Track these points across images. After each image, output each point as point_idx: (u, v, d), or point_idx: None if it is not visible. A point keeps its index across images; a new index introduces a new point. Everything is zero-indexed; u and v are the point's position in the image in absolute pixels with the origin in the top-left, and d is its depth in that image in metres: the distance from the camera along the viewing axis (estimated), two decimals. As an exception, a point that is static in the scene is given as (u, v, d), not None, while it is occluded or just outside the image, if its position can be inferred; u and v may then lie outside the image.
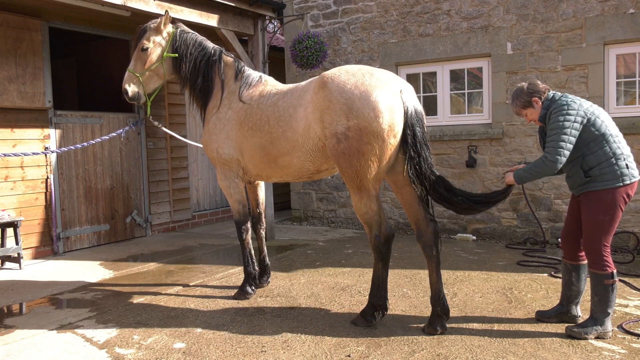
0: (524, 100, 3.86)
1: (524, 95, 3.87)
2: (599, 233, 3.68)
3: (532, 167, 3.72)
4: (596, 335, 3.69)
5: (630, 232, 6.47)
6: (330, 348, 3.67)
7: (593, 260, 3.71)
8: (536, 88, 3.84)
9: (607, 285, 3.66)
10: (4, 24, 6.16)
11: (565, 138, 3.60)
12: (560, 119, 3.63)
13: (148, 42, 4.82)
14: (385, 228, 4.00)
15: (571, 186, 3.88)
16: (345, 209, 8.65)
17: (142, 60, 4.85)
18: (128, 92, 4.88)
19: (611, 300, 3.68)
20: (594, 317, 3.73)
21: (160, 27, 4.84)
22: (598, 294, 3.70)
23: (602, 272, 3.67)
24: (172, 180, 8.39)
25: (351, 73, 3.95)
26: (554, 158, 3.61)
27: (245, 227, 4.90)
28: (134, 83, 4.87)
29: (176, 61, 4.88)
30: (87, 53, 9.03)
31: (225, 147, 4.72)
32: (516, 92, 3.93)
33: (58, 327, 4.22)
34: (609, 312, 3.71)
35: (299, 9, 8.77)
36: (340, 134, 3.84)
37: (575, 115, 3.62)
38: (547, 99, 3.82)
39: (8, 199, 6.34)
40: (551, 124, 3.67)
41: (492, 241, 7.20)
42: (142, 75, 4.85)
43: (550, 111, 3.72)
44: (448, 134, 7.60)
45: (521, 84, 3.98)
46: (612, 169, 3.64)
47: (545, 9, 6.92)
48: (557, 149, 3.60)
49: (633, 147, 6.44)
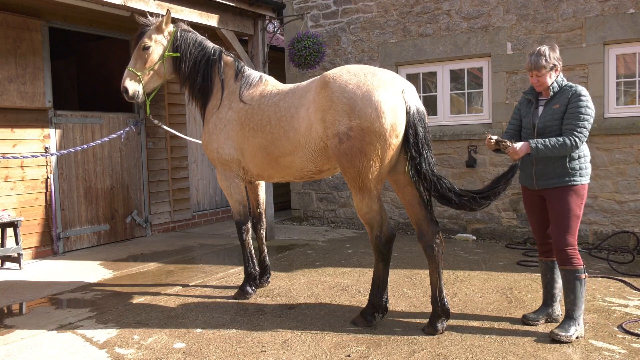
0: (554, 63, 3.73)
1: (555, 58, 3.73)
2: (574, 228, 3.66)
3: (556, 144, 3.57)
4: (577, 336, 3.65)
5: (630, 232, 6.47)
6: (330, 348, 3.67)
7: (567, 256, 3.66)
8: (560, 58, 3.78)
9: (582, 280, 3.65)
10: (4, 24, 6.16)
11: (588, 126, 3.62)
12: (587, 105, 3.63)
13: (149, 41, 4.80)
14: (387, 228, 3.99)
15: (542, 177, 3.75)
16: (345, 209, 8.65)
17: (142, 59, 4.82)
18: (128, 91, 4.82)
19: (584, 296, 3.69)
20: (573, 317, 3.69)
21: (162, 26, 4.82)
22: (574, 291, 3.66)
23: (577, 267, 3.65)
24: (172, 180, 8.39)
25: (353, 73, 3.95)
26: (578, 143, 3.59)
27: (245, 228, 4.90)
28: (134, 81, 4.83)
29: (176, 60, 4.86)
30: (87, 53, 9.04)
31: (226, 147, 4.71)
32: (549, 50, 3.74)
33: (58, 327, 4.22)
34: (583, 308, 3.71)
35: (299, 9, 8.77)
36: (342, 134, 3.84)
37: (592, 108, 3.67)
38: (562, 80, 3.77)
39: (8, 199, 6.34)
40: (577, 108, 3.61)
41: (492, 241, 7.20)
42: (142, 74, 4.82)
43: (572, 95, 3.66)
44: (448, 134, 7.60)
45: (549, 45, 3.81)
46: (587, 165, 3.73)
47: (545, 9, 6.92)
48: (583, 135, 3.60)
49: (633, 147, 6.46)
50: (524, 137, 3.90)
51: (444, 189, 3.83)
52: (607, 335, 3.78)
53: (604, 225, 6.68)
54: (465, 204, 3.79)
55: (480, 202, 3.76)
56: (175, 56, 4.84)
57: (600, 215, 6.70)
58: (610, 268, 5.53)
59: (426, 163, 3.83)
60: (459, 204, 3.81)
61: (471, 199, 3.77)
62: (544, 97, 3.86)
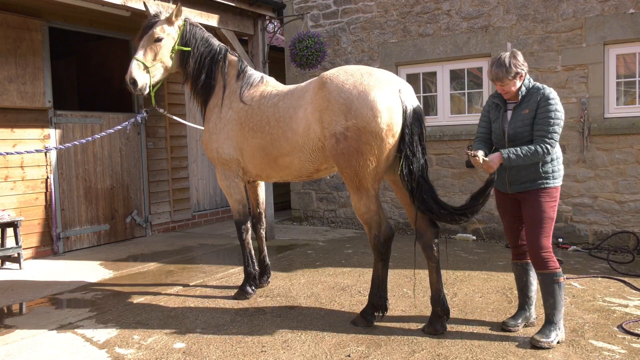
0: (517, 71, 3.63)
1: (519, 65, 3.63)
2: (549, 230, 3.61)
3: (527, 153, 3.51)
4: (557, 340, 3.60)
5: (630, 232, 6.47)
6: (330, 348, 3.67)
7: (542, 260, 3.59)
8: (524, 63, 3.68)
9: (560, 284, 3.59)
10: (4, 24, 6.16)
11: (558, 130, 3.56)
12: (557, 108, 3.56)
13: (162, 32, 4.67)
14: (385, 228, 4.00)
15: (515, 181, 3.70)
16: (345, 209, 8.65)
17: (153, 51, 4.68)
18: (137, 82, 4.61)
19: (563, 299, 3.63)
20: (553, 321, 3.62)
21: (172, 19, 4.74)
22: (553, 295, 3.60)
23: (554, 271, 3.59)
24: (172, 180, 8.39)
25: (350, 73, 3.95)
26: (550, 149, 3.53)
27: (245, 227, 4.90)
28: (144, 73, 4.67)
29: (184, 55, 4.80)
30: (87, 53, 9.04)
31: (225, 147, 4.72)
32: (510, 58, 3.63)
33: (58, 327, 4.22)
34: (563, 312, 3.65)
35: (299, 9, 8.77)
36: (339, 134, 3.84)
37: (562, 110, 3.61)
38: (529, 82, 3.70)
39: (8, 199, 6.34)
40: (546, 112, 3.55)
41: (492, 241, 7.20)
42: (152, 66, 4.69)
43: (540, 99, 3.59)
44: (448, 134, 7.60)
45: (510, 51, 3.72)
46: (560, 167, 3.69)
47: (545, 9, 6.92)
48: (554, 140, 3.53)
49: (633, 147, 6.46)
50: (495, 142, 3.82)
51: (427, 194, 3.79)
52: (607, 335, 3.78)
53: (604, 225, 6.68)
54: (443, 216, 3.77)
55: (458, 218, 3.75)
56: (184, 50, 4.77)
57: (600, 215, 6.70)
58: (610, 268, 5.53)
59: (418, 163, 3.81)
60: (438, 215, 3.78)
61: (450, 214, 3.75)
62: (513, 101, 3.77)
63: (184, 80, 4.99)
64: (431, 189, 3.84)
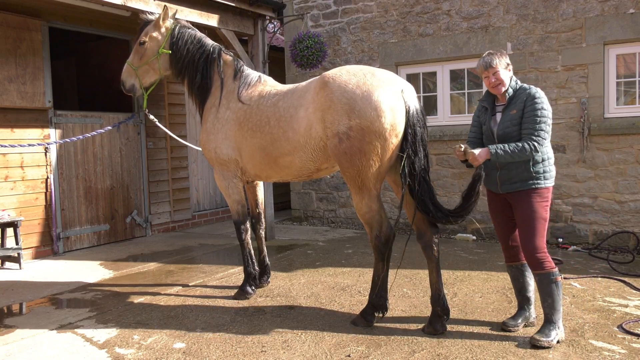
0: (509, 62, 3.73)
1: (505, 62, 3.72)
2: (542, 231, 3.61)
3: (515, 149, 3.53)
4: (557, 340, 3.60)
5: (630, 232, 6.47)
6: (330, 348, 3.67)
7: (537, 261, 3.59)
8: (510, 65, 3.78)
9: (558, 283, 3.59)
10: (4, 24, 6.16)
11: (545, 127, 3.56)
12: (543, 107, 3.56)
13: (145, 37, 4.90)
14: (386, 228, 4.00)
15: (506, 181, 3.71)
16: (345, 209, 8.65)
17: (139, 54, 4.94)
18: (125, 84, 5.01)
19: (561, 299, 3.63)
20: (552, 321, 3.62)
21: (159, 23, 4.87)
22: (551, 295, 3.59)
23: (550, 270, 3.59)
24: (172, 180, 8.39)
25: (352, 73, 3.96)
26: (537, 146, 3.53)
27: (244, 227, 4.90)
28: (131, 76, 4.99)
29: (174, 56, 4.89)
30: (87, 53, 9.03)
31: (224, 147, 4.71)
32: (498, 53, 3.75)
33: (58, 327, 4.22)
34: (561, 311, 3.65)
35: (299, 9, 8.77)
36: (342, 134, 3.84)
37: (549, 109, 3.62)
38: (515, 84, 3.73)
39: (8, 199, 6.34)
40: (533, 111, 3.56)
41: (492, 241, 7.20)
42: (138, 69, 4.94)
43: (527, 98, 3.60)
44: (448, 134, 7.60)
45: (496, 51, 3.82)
46: (551, 168, 3.70)
47: (545, 9, 6.92)
48: (541, 137, 3.54)
49: (633, 147, 6.46)
50: (486, 144, 3.83)
51: (426, 196, 3.81)
52: (607, 335, 3.78)
53: (604, 225, 6.68)
54: (439, 218, 3.82)
55: (454, 220, 3.80)
56: (170, 53, 4.88)
57: (600, 215, 6.70)
58: (610, 268, 5.53)
59: (419, 163, 3.83)
60: (435, 216, 3.81)
61: (446, 216, 3.79)
62: (501, 103, 3.79)
63: (181, 82, 5.07)
64: (430, 190, 3.87)
